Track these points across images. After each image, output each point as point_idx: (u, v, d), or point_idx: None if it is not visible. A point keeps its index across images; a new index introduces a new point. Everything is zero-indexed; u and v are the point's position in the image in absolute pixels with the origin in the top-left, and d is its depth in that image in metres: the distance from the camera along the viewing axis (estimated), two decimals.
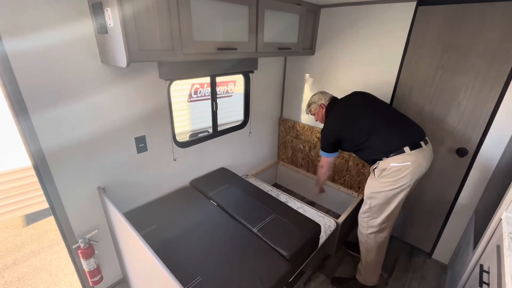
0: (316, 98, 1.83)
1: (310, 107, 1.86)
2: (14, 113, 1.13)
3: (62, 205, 1.39)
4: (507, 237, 1.06)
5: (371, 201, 1.60)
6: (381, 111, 1.62)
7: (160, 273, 0.95)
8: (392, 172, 1.47)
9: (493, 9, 1.47)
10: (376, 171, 1.55)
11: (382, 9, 1.83)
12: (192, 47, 1.33)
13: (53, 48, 1.16)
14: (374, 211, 1.60)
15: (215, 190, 1.96)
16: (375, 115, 1.59)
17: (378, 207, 1.58)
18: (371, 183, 1.61)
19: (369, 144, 1.55)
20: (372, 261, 1.70)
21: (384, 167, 1.50)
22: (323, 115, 1.80)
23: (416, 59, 1.79)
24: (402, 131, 1.52)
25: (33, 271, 2.03)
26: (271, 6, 1.64)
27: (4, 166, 2.40)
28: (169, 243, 1.47)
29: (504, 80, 1.52)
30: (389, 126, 1.54)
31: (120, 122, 1.50)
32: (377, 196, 1.56)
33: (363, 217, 1.68)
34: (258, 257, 1.40)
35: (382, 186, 1.52)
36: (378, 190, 1.55)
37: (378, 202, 1.57)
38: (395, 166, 1.46)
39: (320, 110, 1.81)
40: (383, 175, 1.51)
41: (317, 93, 1.87)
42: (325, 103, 1.79)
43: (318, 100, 1.81)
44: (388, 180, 1.49)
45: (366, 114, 1.61)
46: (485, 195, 1.67)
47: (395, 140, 1.49)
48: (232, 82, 3.26)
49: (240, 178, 2.16)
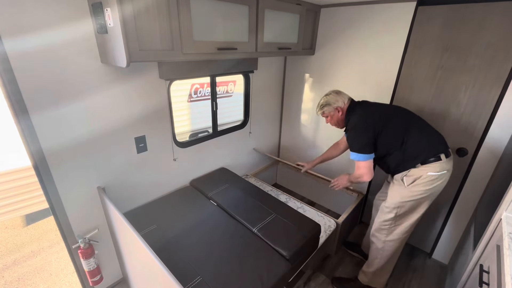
0: (331, 99, 1.61)
1: (324, 109, 1.64)
2: (14, 113, 1.13)
3: (62, 205, 1.39)
4: (507, 237, 1.06)
5: (398, 210, 1.50)
6: (410, 114, 1.51)
7: (160, 273, 0.95)
8: (427, 181, 1.38)
9: (493, 9, 1.47)
10: (407, 179, 1.43)
11: (382, 9, 1.83)
12: (192, 47, 1.33)
13: (53, 48, 1.16)
14: (399, 219, 1.53)
15: (215, 190, 1.96)
16: (408, 117, 1.48)
17: (404, 215, 1.51)
18: (399, 192, 1.49)
19: (404, 147, 1.41)
20: (385, 266, 1.67)
21: (418, 175, 1.40)
22: (339, 118, 1.61)
23: (416, 59, 1.79)
24: (437, 138, 1.44)
25: (33, 271, 2.03)
26: (271, 6, 1.64)
27: (4, 166, 2.40)
28: (169, 243, 1.47)
29: (504, 80, 1.52)
30: (422, 131, 1.44)
31: (120, 122, 1.50)
32: (405, 205, 1.47)
33: (385, 224, 1.58)
34: (258, 257, 1.40)
35: (413, 195, 1.43)
36: (408, 199, 1.45)
37: (405, 210, 1.49)
38: (432, 175, 1.37)
39: (336, 113, 1.61)
40: (416, 184, 1.41)
41: (331, 93, 1.64)
42: (342, 106, 1.58)
43: (334, 102, 1.59)
44: (421, 189, 1.40)
45: (398, 114, 1.49)
46: (485, 195, 1.67)
47: (432, 146, 1.39)
48: (232, 82, 3.26)
49: (240, 178, 2.16)
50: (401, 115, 1.50)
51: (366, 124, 1.45)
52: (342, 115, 1.60)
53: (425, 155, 1.39)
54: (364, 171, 1.48)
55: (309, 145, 2.62)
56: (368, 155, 1.45)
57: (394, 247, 1.61)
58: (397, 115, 1.49)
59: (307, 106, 2.52)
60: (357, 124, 1.49)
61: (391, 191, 1.56)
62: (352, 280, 1.82)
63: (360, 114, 1.51)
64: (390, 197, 1.54)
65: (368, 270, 1.75)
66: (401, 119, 1.47)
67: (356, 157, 1.47)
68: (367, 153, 1.45)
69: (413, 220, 1.51)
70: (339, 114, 1.60)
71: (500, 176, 1.48)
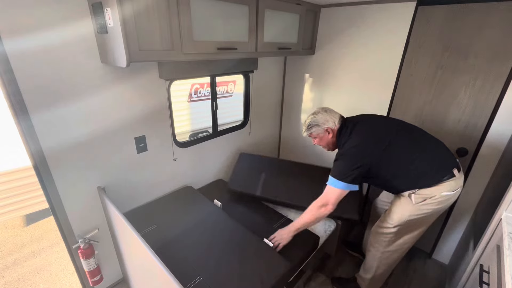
0: (320, 118, 1.44)
1: (311, 130, 1.48)
2: (14, 113, 1.13)
3: (62, 205, 1.39)
4: (507, 237, 1.06)
5: (402, 226, 1.38)
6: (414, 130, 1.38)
7: (160, 273, 0.95)
8: (440, 201, 1.26)
9: (493, 9, 1.47)
10: (416, 198, 1.29)
11: (382, 9, 1.83)
12: (192, 47, 1.33)
13: (53, 48, 1.16)
14: (402, 233, 1.42)
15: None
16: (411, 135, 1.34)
17: (408, 230, 1.40)
18: (406, 209, 1.34)
19: (412, 168, 1.27)
20: (382, 274, 1.62)
21: (430, 195, 1.26)
22: (329, 141, 1.47)
23: (416, 59, 1.79)
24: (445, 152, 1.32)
25: (33, 271, 2.03)
26: (271, 6, 1.64)
27: (4, 166, 2.40)
28: (169, 242, 1.47)
29: (504, 80, 1.52)
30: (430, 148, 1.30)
31: (120, 122, 1.50)
32: (411, 221, 1.36)
33: (384, 237, 1.47)
34: (258, 257, 1.40)
35: (421, 213, 1.31)
36: (415, 217, 1.33)
37: (409, 226, 1.38)
38: (446, 196, 1.25)
39: (325, 135, 1.45)
40: (426, 203, 1.28)
41: (320, 111, 1.47)
42: (332, 127, 1.42)
43: (324, 122, 1.43)
44: (432, 207, 1.28)
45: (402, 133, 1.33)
46: (485, 195, 1.67)
47: (443, 163, 1.27)
48: (232, 82, 3.27)
49: None
50: (404, 132, 1.36)
51: (362, 156, 1.28)
52: (332, 138, 1.44)
53: (440, 174, 1.26)
54: (332, 201, 1.31)
55: (309, 145, 2.62)
56: (349, 185, 1.27)
57: (393, 257, 1.53)
58: (399, 134, 1.34)
59: (307, 106, 2.52)
60: (352, 155, 1.30)
61: (396, 206, 1.41)
62: (352, 280, 1.82)
63: (356, 143, 1.32)
64: (395, 213, 1.39)
65: (365, 276, 1.68)
66: (405, 138, 1.33)
67: (334, 183, 1.29)
68: (350, 183, 1.27)
69: (417, 233, 1.42)
70: (329, 136, 1.44)
71: (500, 176, 1.48)
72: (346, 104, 2.23)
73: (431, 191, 1.27)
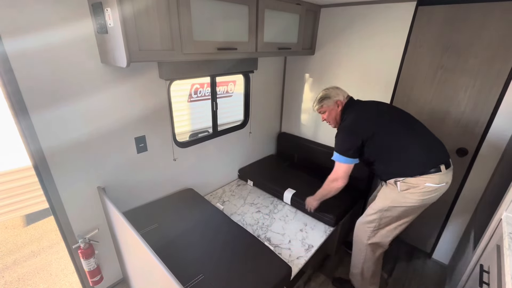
0: (332, 92, 1.53)
1: (323, 103, 1.55)
2: (14, 113, 1.13)
3: (62, 205, 1.39)
4: (507, 237, 1.06)
5: (384, 213, 1.43)
6: (410, 119, 1.42)
7: (159, 273, 0.95)
8: (423, 192, 1.31)
9: (493, 9, 1.47)
10: (401, 185, 1.34)
11: (382, 9, 1.83)
12: (192, 47, 1.33)
13: (53, 48, 1.16)
14: (384, 222, 1.45)
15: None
16: (407, 123, 1.39)
17: (391, 219, 1.43)
18: (390, 196, 1.40)
19: (401, 155, 1.33)
20: (370, 271, 1.62)
21: (415, 184, 1.31)
22: (337, 115, 1.53)
23: (416, 59, 1.79)
24: (438, 146, 1.36)
25: (33, 271, 2.03)
26: (271, 6, 1.64)
27: (4, 166, 2.40)
28: (171, 241, 1.47)
29: (504, 80, 1.52)
30: (423, 138, 1.35)
31: (120, 122, 1.50)
32: (393, 209, 1.40)
33: (367, 226, 1.51)
34: (259, 257, 1.40)
35: (405, 202, 1.35)
36: (399, 204, 1.37)
37: (392, 214, 1.41)
38: (430, 187, 1.29)
39: (335, 108, 1.52)
40: (410, 192, 1.33)
41: (329, 87, 1.58)
42: (342, 100, 1.51)
43: (335, 95, 1.51)
44: (415, 197, 1.32)
45: (397, 119, 1.39)
46: (485, 195, 1.67)
47: (432, 155, 1.31)
48: (232, 82, 3.26)
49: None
50: (400, 119, 1.42)
51: (356, 129, 1.40)
52: (340, 111, 1.52)
53: (424, 166, 1.30)
54: (341, 175, 1.46)
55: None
56: (351, 159, 1.41)
57: (377, 252, 1.56)
58: (395, 119, 1.41)
59: (307, 106, 2.52)
60: (348, 127, 1.43)
61: (382, 193, 1.48)
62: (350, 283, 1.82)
63: (354, 117, 1.43)
64: (380, 198, 1.46)
65: (354, 271, 1.69)
66: (400, 124, 1.39)
67: (338, 158, 1.44)
68: (350, 157, 1.40)
69: (400, 225, 1.45)
70: (338, 109, 1.52)
71: (500, 176, 1.48)
72: None
73: (416, 181, 1.31)
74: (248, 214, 1.96)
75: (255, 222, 1.87)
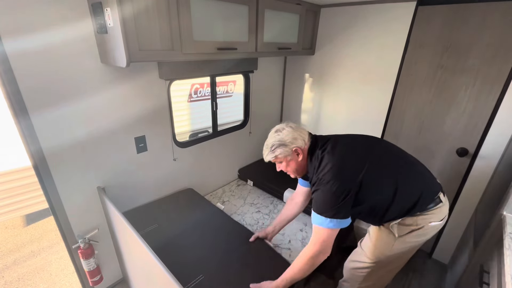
0: (286, 136, 1.14)
1: (276, 152, 1.15)
2: (14, 113, 1.13)
3: (62, 205, 1.39)
4: (507, 237, 1.06)
5: (381, 262, 1.20)
6: (394, 151, 1.17)
7: (159, 273, 0.95)
8: (426, 231, 1.10)
9: (493, 9, 1.47)
10: (399, 229, 1.10)
11: (382, 9, 1.83)
12: (192, 47, 1.33)
13: (53, 48, 1.16)
14: (381, 268, 1.23)
15: None
16: (393, 157, 1.14)
17: (387, 265, 1.22)
18: (387, 243, 1.14)
19: (396, 196, 1.06)
20: None
21: (417, 225, 1.08)
22: (299, 164, 1.17)
23: (416, 59, 1.79)
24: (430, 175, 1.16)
25: (33, 271, 2.04)
26: (271, 6, 1.64)
27: (4, 166, 2.40)
28: (171, 241, 1.47)
29: (504, 80, 1.52)
30: (415, 170, 1.13)
31: (120, 122, 1.50)
32: (392, 256, 1.18)
33: (361, 271, 1.26)
34: (260, 256, 1.40)
35: (405, 247, 1.13)
36: (398, 251, 1.14)
37: (390, 260, 1.20)
38: (435, 225, 1.09)
39: (294, 157, 1.15)
40: (412, 235, 1.10)
41: (283, 127, 1.18)
42: (302, 147, 1.14)
43: (292, 141, 1.12)
44: (417, 239, 1.11)
45: (382, 155, 1.12)
46: (485, 195, 1.67)
47: (428, 187, 1.10)
48: (232, 82, 3.26)
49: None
50: (384, 153, 1.15)
51: (342, 179, 1.01)
52: (302, 160, 1.15)
53: (424, 201, 1.09)
54: (324, 246, 1.04)
55: None
56: (341, 221, 1.02)
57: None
58: (380, 156, 1.13)
59: (307, 106, 2.52)
60: (329, 180, 1.02)
61: (376, 238, 1.19)
62: None
63: (333, 164, 1.04)
64: (375, 246, 1.19)
65: None
66: (386, 160, 1.13)
67: (320, 222, 1.02)
68: (340, 218, 1.01)
69: (396, 266, 1.26)
70: (298, 159, 1.15)
71: (501, 176, 1.48)
72: (346, 104, 2.23)
73: (417, 221, 1.09)
74: (248, 214, 1.96)
75: (255, 222, 1.87)
